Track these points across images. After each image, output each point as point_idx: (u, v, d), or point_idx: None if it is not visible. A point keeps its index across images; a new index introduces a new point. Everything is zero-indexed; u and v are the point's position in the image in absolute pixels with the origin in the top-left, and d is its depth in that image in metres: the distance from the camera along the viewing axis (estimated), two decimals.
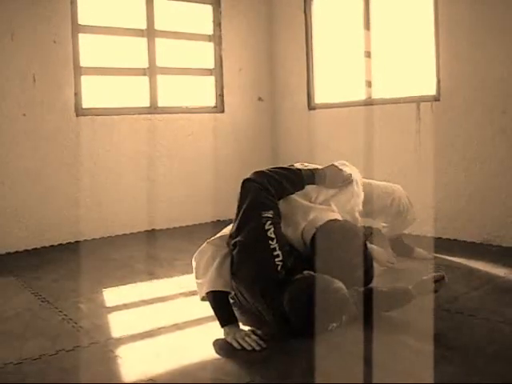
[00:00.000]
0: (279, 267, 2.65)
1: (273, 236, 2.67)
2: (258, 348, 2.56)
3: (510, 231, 4.38)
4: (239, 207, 2.85)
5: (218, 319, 2.76)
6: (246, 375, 2.41)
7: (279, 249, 2.68)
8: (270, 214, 2.73)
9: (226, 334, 2.69)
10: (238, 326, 2.73)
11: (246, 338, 2.61)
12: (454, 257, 4.18)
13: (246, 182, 2.90)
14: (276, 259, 2.65)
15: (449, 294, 3.32)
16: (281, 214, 2.88)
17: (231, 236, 2.86)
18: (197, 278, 3.00)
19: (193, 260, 3.05)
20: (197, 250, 3.07)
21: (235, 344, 2.61)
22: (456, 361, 2.44)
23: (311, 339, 2.61)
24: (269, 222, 2.70)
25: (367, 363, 2.42)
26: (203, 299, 2.92)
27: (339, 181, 3.25)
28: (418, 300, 3.15)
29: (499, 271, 3.79)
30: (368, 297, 2.80)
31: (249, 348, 2.57)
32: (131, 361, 2.59)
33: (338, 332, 2.72)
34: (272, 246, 2.66)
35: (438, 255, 4.23)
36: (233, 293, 2.95)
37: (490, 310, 3.06)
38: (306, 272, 2.68)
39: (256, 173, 2.96)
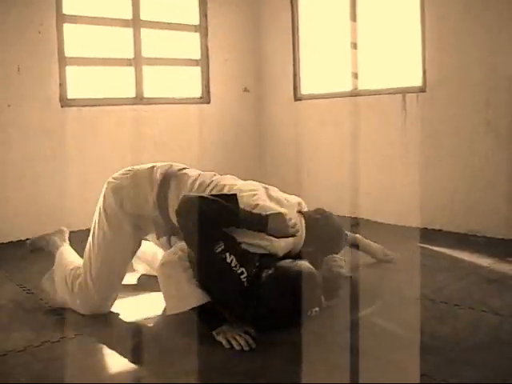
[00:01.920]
0: (245, 283, 2.60)
1: (235, 263, 2.58)
2: (246, 348, 2.52)
3: (495, 222, 4.40)
4: (186, 241, 2.67)
5: (207, 326, 2.66)
6: (231, 366, 2.40)
7: (243, 267, 2.60)
8: (222, 246, 2.57)
9: (215, 333, 2.62)
10: (228, 325, 2.64)
11: (237, 337, 2.56)
12: (439, 247, 4.21)
13: (179, 215, 2.66)
14: (241, 276, 2.59)
15: (434, 284, 3.35)
16: (230, 235, 2.66)
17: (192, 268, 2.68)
18: (167, 292, 2.72)
19: (161, 272, 2.73)
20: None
21: (224, 342, 2.56)
22: (442, 350, 2.46)
23: (294, 330, 2.62)
24: (228, 254, 2.58)
25: (352, 352, 2.43)
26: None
27: (283, 234, 2.74)
28: (403, 290, 3.18)
29: (484, 261, 3.82)
30: None
31: (238, 347, 2.52)
32: (116, 352, 2.59)
33: (322, 322, 2.74)
34: (239, 271, 2.59)
35: (423, 245, 4.26)
36: None
37: (474, 299, 3.08)
38: (268, 270, 2.65)
39: (188, 202, 2.66)
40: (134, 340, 2.70)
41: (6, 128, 4.79)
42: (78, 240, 3.72)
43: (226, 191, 2.89)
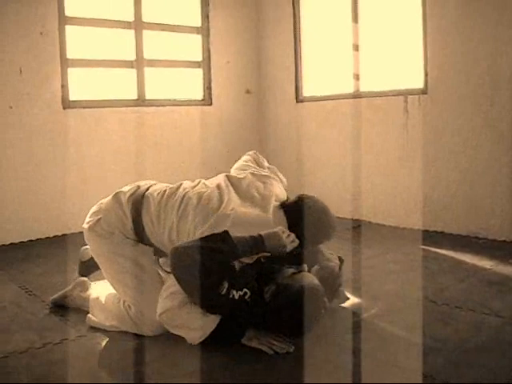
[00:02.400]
0: (249, 300, 2.58)
1: (241, 293, 2.54)
2: (291, 349, 2.50)
3: (496, 224, 4.40)
4: (186, 292, 2.55)
5: (232, 337, 2.59)
6: (234, 367, 2.41)
7: (246, 287, 2.57)
8: (226, 286, 2.49)
9: (247, 340, 2.57)
10: (254, 330, 2.59)
11: (275, 342, 2.53)
12: (440, 249, 4.21)
13: (177, 270, 2.53)
14: (245, 296, 2.57)
15: (435, 286, 3.35)
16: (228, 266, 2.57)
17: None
18: (180, 332, 2.62)
19: (164, 321, 2.62)
20: None
21: (265, 348, 2.51)
22: (444, 352, 2.46)
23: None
24: (234, 291, 2.51)
25: (355, 354, 2.43)
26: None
27: (281, 251, 2.64)
28: (405, 291, 3.17)
29: (485, 263, 3.82)
30: None
31: (282, 351, 2.49)
32: (118, 353, 2.59)
33: (325, 324, 2.74)
34: (243, 295, 2.55)
35: (425, 247, 4.26)
36: None
37: (476, 301, 3.08)
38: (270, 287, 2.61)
39: (183, 256, 2.52)
40: (136, 341, 2.70)
41: (7, 129, 4.79)
42: (77, 242, 3.72)
43: (193, 202, 2.77)
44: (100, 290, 3.08)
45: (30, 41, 4.85)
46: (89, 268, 3.29)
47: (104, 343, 2.69)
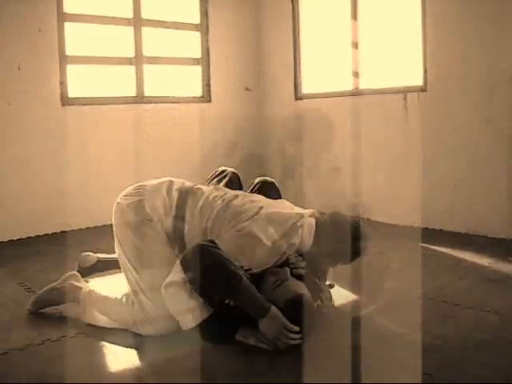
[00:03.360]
0: None
1: None
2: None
3: (496, 222, 4.40)
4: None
5: (226, 334, 2.59)
6: (234, 366, 2.41)
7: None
8: None
9: (243, 338, 2.55)
10: (248, 327, 2.56)
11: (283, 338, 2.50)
12: (440, 247, 4.21)
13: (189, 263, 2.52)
14: None
15: (435, 284, 3.35)
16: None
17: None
18: (175, 309, 2.58)
19: (165, 292, 2.58)
20: None
21: (263, 345, 2.50)
22: (443, 349, 2.46)
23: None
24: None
25: (354, 352, 2.43)
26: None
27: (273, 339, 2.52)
28: (405, 289, 3.16)
29: (484, 261, 3.82)
30: None
31: (292, 341, 2.47)
32: (117, 350, 2.58)
33: (325, 321, 2.74)
34: None
35: (424, 245, 4.26)
36: None
37: (475, 299, 3.08)
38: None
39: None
40: (135, 339, 2.69)
41: (6, 126, 4.79)
42: (78, 239, 3.73)
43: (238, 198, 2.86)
44: (99, 287, 3.08)
45: (28, 38, 4.84)
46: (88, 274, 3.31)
47: (102, 341, 2.69)
